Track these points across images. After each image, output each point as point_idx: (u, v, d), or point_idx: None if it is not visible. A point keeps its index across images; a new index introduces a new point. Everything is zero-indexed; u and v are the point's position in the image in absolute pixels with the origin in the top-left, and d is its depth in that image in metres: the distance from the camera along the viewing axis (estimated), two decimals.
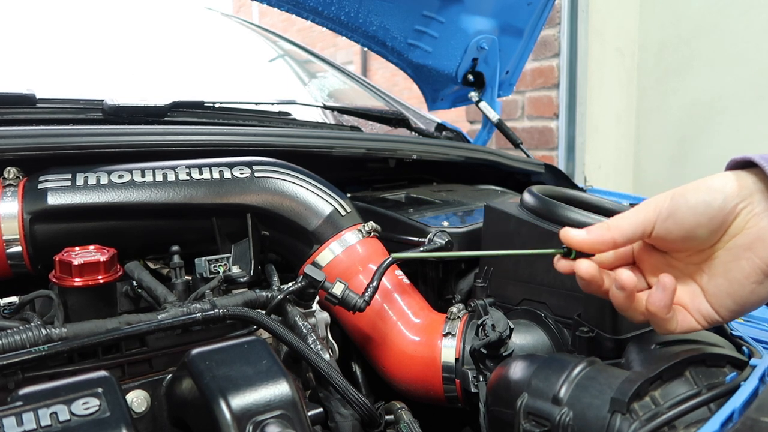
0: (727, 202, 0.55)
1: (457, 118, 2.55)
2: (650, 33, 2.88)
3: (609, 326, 0.70)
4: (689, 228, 0.57)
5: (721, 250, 0.58)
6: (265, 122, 1.36)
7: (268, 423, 0.57)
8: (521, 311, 0.89)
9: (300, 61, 2.09)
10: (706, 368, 0.61)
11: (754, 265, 0.55)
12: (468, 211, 1.14)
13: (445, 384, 0.86)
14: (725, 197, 0.55)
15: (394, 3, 1.47)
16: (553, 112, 2.85)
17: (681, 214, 0.57)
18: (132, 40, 1.75)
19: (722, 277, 0.58)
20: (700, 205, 0.56)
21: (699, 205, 0.56)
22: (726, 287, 0.57)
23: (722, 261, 0.58)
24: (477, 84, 1.61)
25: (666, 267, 0.61)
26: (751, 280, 0.56)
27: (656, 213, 0.58)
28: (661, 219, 0.57)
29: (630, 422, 0.56)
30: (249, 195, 0.92)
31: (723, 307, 0.58)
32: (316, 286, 0.82)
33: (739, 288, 0.56)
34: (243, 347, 0.66)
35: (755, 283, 0.56)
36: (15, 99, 1.11)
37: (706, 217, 0.56)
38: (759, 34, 2.44)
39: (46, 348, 0.63)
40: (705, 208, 0.56)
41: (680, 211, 0.57)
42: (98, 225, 0.85)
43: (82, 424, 0.52)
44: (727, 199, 0.55)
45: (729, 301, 0.58)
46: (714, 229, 0.56)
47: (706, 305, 0.59)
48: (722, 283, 0.58)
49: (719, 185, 0.56)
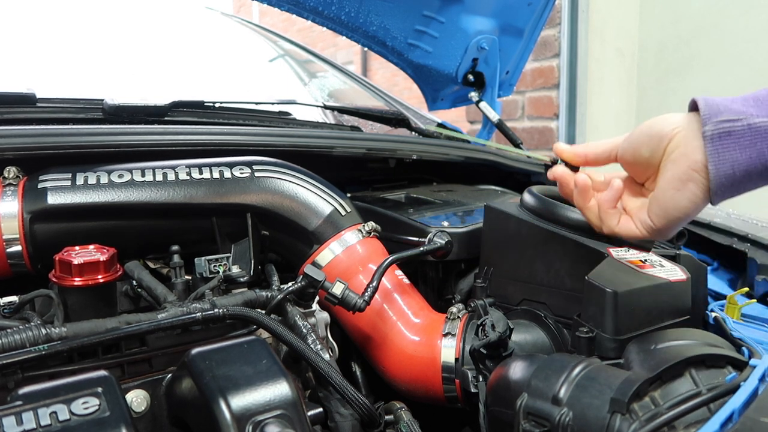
0: (667, 126, 0.67)
1: (457, 118, 2.55)
2: (650, 33, 2.88)
3: (609, 326, 0.70)
4: (636, 146, 0.70)
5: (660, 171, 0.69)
6: (266, 122, 1.36)
7: (267, 423, 0.57)
8: (521, 311, 0.89)
9: (300, 60, 2.09)
10: (706, 368, 0.61)
11: (674, 173, 0.66)
12: (468, 211, 1.14)
13: (445, 384, 0.86)
14: (666, 124, 0.67)
15: (394, 3, 1.47)
16: (553, 112, 2.85)
17: (634, 136, 0.70)
18: (132, 39, 1.75)
19: (656, 189, 0.69)
20: (646, 128, 0.69)
21: (645, 128, 0.69)
22: (655, 195, 0.69)
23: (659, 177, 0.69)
24: (477, 84, 1.61)
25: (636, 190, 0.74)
26: (671, 186, 0.67)
27: (622, 139, 0.72)
28: (622, 142, 0.72)
29: (630, 422, 0.56)
30: (249, 195, 0.92)
31: (653, 214, 0.69)
32: (316, 286, 0.82)
33: (662, 194, 0.68)
34: (243, 347, 0.66)
35: (674, 189, 0.66)
36: (15, 98, 1.10)
37: (648, 137, 0.68)
38: (759, 34, 2.44)
39: (45, 347, 0.63)
40: (648, 130, 0.68)
41: (634, 135, 0.70)
42: (98, 224, 0.85)
43: (82, 423, 0.52)
44: (667, 124, 0.67)
45: (656, 206, 0.69)
46: (654, 147, 0.68)
47: (645, 215, 0.71)
48: (654, 193, 0.69)
49: (669, 116, 0.68)
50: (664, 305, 0.74)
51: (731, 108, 0.63)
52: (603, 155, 0.75)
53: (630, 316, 0.71)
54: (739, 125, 0.62)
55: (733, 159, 0.62)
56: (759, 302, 0.89)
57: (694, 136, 0.64)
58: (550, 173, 0.80)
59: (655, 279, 0.75)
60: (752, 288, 0.95)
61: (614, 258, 0.78)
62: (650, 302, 0.73)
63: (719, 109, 0.63)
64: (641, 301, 0.72)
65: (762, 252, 0.97)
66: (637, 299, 0.72)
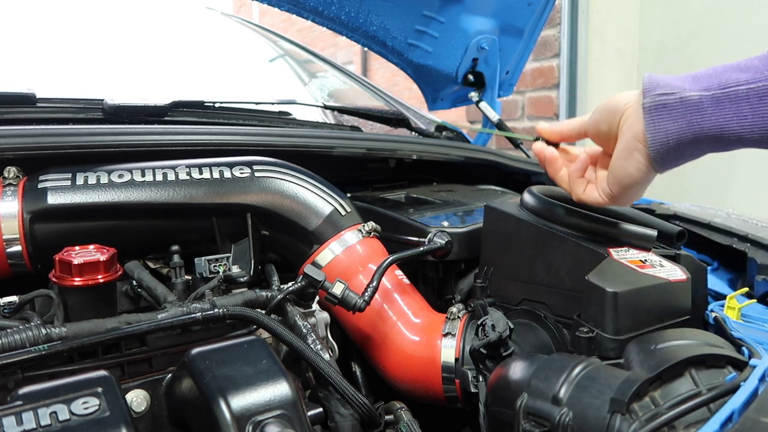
0: (620, 102, 0.73)
1: (457, 118, 2.55)
2: (650, 33, 2.88)
3: (609, 326, 0.70)
4: (597, 122, 0.76)
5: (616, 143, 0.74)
6: (266, 122, 1.36)
7: (267, 423, 0.57)
8: (521, 311, 0.89)
9: (300, 60, 2.09)
10: (706, 368, 0.61)
11: (622, 144, 0.72)
12: (468, 211, 1.14)
13: (445, 384, 0.86)
14: (620, 99, 0.73)
15: (394, 3, 1.47)
16: (553, 113, 2.85)
17: (596, 113, 0.77)
18: (132, 39, 1.75)
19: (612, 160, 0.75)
20: (604, 104, 0.76)
21: (603, 104, 0.76)
22: (610, 165, 0.75)
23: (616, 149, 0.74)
24: (477, 84, 1.61)
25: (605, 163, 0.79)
26: (620, 156, 0.72)
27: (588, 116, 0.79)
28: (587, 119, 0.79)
29: (630, 422, 0.56)
30: (249, 195, 0.92)
31: (609, 182, 0.76)
32: (316, 285, 0.82)
33: (614, 163, 0.74)
34: (243, 347, 0.66)
35: (623, 159, 0.72)
36: (15, 98, 1.10)
37: (606, 113, 0.75)
38: (759, 34, 2.44)
39: (45, 347, 0.63)
40: (606, 106, 0.75)
41: (596, 112, 0.77)
42: (98, 224, 0.85)
43: (82, 423, 0.52)
44: (621, 100, 0.73)
45: (611, 175, 0.75)
46: (610, 122, 0.74)
47: (605, 183, 0.77)
48: (611, 163, 0.75)
49: (623, 94, 0.74)
50: (664, 305, 0.74)
51: (669, 84, 0.69)
52: (574, 131, 0.82)
53: (630, 316, 0.71)
54: (672, 98, 0.67)
55: (666, 128, 0.67)
56: (759, 302, 0.89)
57: (637, 109, 0.70)
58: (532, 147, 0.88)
59: (655, 279, 0.75)
60: (752, 288, 0.95)
61: (614, 258, 0.78)
62: (650, 302, 0.73)
63: (659, 84, 0.69)
64: (641, 301, 0.72)
65: (762, 252, 0.97)
66: (637, 299, 0.72)
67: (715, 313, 0.81)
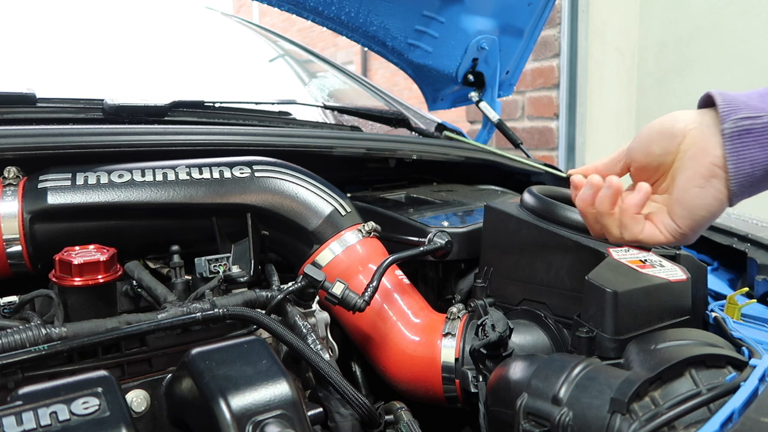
0: (678, 123, 0.64)
1: (457, 118, 2.55)
2: (650, 33, 2.88)
3: (609, 326, 0.70)
4: (646, 145, 0.67)
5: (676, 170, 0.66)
6: (266, 122, 1.36)
7: (267, 423, 0.57)
8: (521, 311, 0.89)
9: (300, 61, 2.09)
10: (706, 368, 0.61)
11: (695, 170, 0.63)
12: (468, 211, 1.14)
13: (445, 384, 0.86)
14: (678, 120, 0.65)
15: (394, 3, 1.47)
16: (553, 112, 2.85)
17: (643, 135, 0.68)
18: (132, 39, 1.75)
19: (676, 189, 0.66)
20: (657, 125, 0.66)
21: (656, 125, 0.66)
22: (677, 195, 0.65)
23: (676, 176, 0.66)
24: (477, 84, 1.61)
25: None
26: (693, 184, 0.63)
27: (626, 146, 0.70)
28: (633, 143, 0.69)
29: (630, 422, 0.56)
30: (249, 195, 0.92)
31: (677, 216, 0.66)
32: (316, 285, 0.82)
33: (684, 193, 0.64)
34: (243, 347, 0.66)
35: (697, 187, 0.63)
36: (15, 98, 1.10)
37: (659, 134, 0.66)
38: (759, 34, 2.44)
39: (45, 347, 0.63)
40: (659, 126, 0.66)
41: (643, 134, 0.68)
42: (98, 224, 0.85)
43: (82, 423, 0.52)
44: (679, 121, 0.65)
45: (679, 207, 0.65)
46: (666, 145, 0.65)
47: (668, 219, 0.67)
48: (675, 194, 0.66)
49: (679, 114, 0.65)
50: (664, 305, 0.74)
51: (750, 104, 0.61)
52: (612, 166, 0.71)
53: (630, 316, 0.71)
54: (759, 123, 0.59)
55: (753, 158, 0.60)
56: (759, 302, 0.89)
57: (712, 133, 0.62)
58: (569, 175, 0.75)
59: (655, 279, 0.75)
60: (752, 288, 0.95)
61: (614, 258, 0.78)
62: (650, 302, 0.73)
63: (737, 105, 0.61)
64: (641, 301, 0.72)
65: (762, 252, 0.97)
66: (637, 299, 0.72)
67: (715, 313, 0.81)
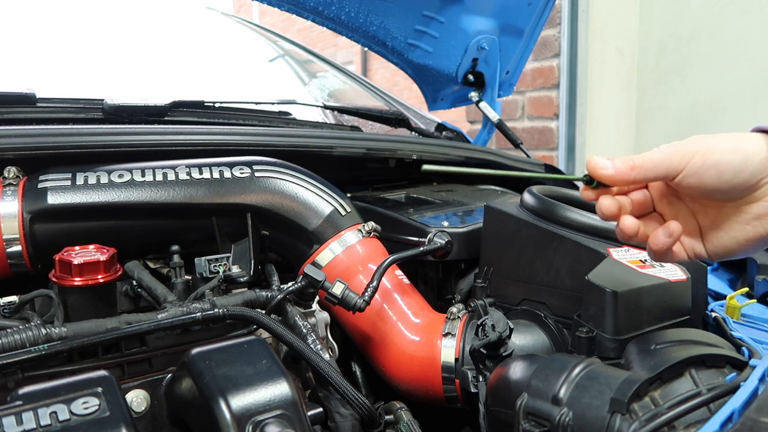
0: (755, 175, 0.57)
1: (457, 118, 2.55)
2: (650, 33, 2.88)
3: (609, 326, 0.70)
4: (710, 190, 0.58)
5: (733, 209, 0.60)
6: (266, 122, 1.36)
7: (267, 423, 0.57)
8: (521, 311, 0.89)
9: (300, 61, 2.09)
10: (706, 369, 0.61)
11: (756, 231, 0.59)
12: (468, 211, 1.14)
13: (445, 384, 0.86)
14: (753, 170, 0.56)
15: (394, 3, 1.47)
16: (553, 113, 2.85)
17: (707, 175, 0.57)
18: (132, 39, 1.75)
19: (724, 231, 0.61)
20: (728, 172, 0.57)
21: (727, 172, 0.57)
22: (726, 242, 0.61)
23: (730, 217, 0.60)
24: (477, 84, 1.61)
25: (674, 199, 0.63)
26: (750, 243, 0.60)
27: (684, 164, 0.58)
28: (686, 172, 0.58)
29: (630, 422, 0.56)
30: (249, 195, 0.92)
31: (714, 253, 0.62)
32: (316, 285, 0.82)
33: (735, 245, 0.60)
34: (243, 347, 0.66)
35: (750, 245, 0.60)
36: (15, 98, 1.11)
37: (730, 185, 0.57)
38: (759, 34, 2.44)
39: (45, 347, 0.63)
40: (731, 176, 0.57)
41: (707, 173, 0.57)
42: (98, 224, 0.85)
43: (82, 423, 0.52)
44: (755, 172, 0.56)
45: (722, 249, 0.61)
46: (733, 195, 0.58)
47: (700, 246, 0.63)
48: (723, 236, 0.61)
49: (751, 150, 0.57)
50: (664, 305, 0.74)
51: None
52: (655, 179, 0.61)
53: (630, 316, 0.71)
54: None
55: None
56: (759, 302, 0.89)
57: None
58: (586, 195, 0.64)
59: (655, 279, 0.75)
60: (752, 288, 0.95)
61: (614, 258, 0.78)
62: (650, 302, 0.73)
63: None
64: (641, 301, 0.72)
65: (762, 252, 0.97)
66: (637, 299, 0.72)
67: (715, 313, 0.81)
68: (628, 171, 0.59)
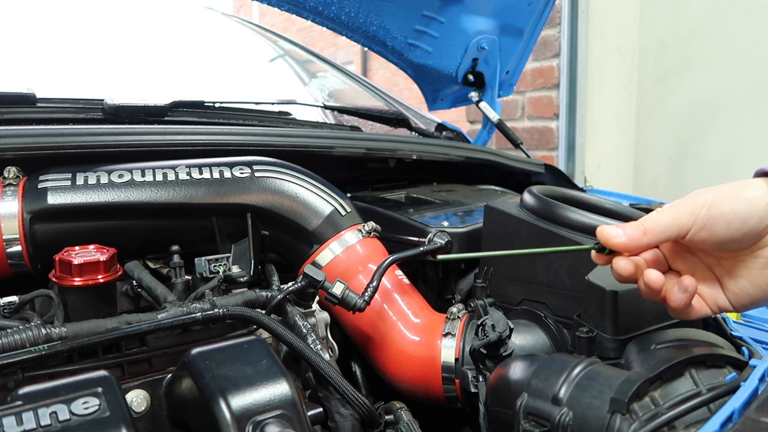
0: (762, 220, 0.57)
1: (457, 118, 2.55)
2: (650, 33, 2.88)
3: (609, 326, 0.70)
4: (722, 241, 0.59)
5: (748, 256, 0.60)
6: (266, 122, 1.36)
7: (267, 423, 0.57)
8: (521, 311, 0.89)
9: (300, 60, 2.09)
10: (706, 368, 0.61)
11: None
12: (468, 211, 1.14)
13: (445, 384, 0.86)
14: (760, 216, 0.57)
15: (394, 3, 1.47)
16: (553, 112, 2.85)
17: (717, 227, 0.58)
18: (132, 39, 1.75)
19: (746, 280, 0.60)
20: (736, 221, 0.58)
21: (735, 221, 0.58)
22: (748, 289, 0.60)
23: (748, 266, 0.60)
24: (477, 84, 1.61)
25: (688, 255, 0.64)
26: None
27: (692, 220, 0.59)
28: (696, 228, 0.59)
29: (630, 422, 0.56)
30: (249, 195, 0.92)
31: (738, 303, 0.62)
32: (316, 286, 0.82)
33: (760, 292, 0.60)
34: (243, 347, 0.66)
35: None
36: (15, 98, 1.10)
37: (741, 233, 0.58)
38: (759, 34, 2.44)
39: (45, 347, 0.63)
40: (741, 224, 0.58)
41: (716, 225, 0.58)
42: (98, 224, 0.85)
43: (82, 423, 0.52)
44: (762, 217, 0.57)
45: (747, 300, 0.61)
46: (745, 243, 0.59)
47: (723, 298, 0.62)
48: (745, 285, 0.61)
49: (754, 196, 0.58)
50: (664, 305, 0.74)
51: None
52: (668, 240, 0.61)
53: (630, 316, 0.71)
54: None
55: None
56: None
57: None
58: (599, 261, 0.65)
59: None
60: None
61: None
62: (650, 302, 0.73)
63: None
64: (641, 301, 0.72)
65: None
66: (637, 299, 0.71)
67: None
68: (640, 236, 0.60)
